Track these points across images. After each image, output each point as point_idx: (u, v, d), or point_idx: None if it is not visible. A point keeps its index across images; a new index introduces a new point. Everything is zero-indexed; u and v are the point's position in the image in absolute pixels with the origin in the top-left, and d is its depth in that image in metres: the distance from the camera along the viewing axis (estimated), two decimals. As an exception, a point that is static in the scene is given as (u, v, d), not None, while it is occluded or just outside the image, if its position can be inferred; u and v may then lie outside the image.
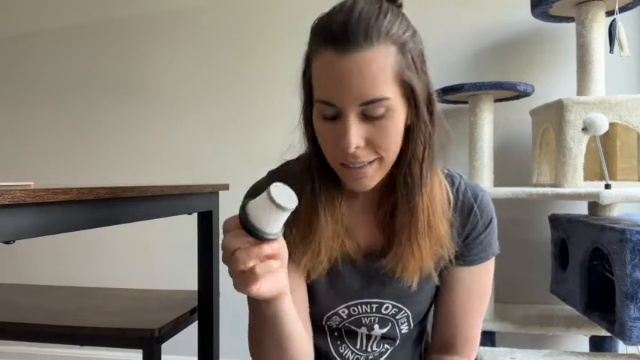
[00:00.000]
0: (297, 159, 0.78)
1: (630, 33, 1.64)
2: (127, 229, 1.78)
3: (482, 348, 1.38)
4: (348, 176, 0.67)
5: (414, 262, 0.70)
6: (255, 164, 0.85)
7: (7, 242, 0.64)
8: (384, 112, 0.62)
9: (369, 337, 0.81)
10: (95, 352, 2.12)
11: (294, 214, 0.64)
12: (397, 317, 0.79)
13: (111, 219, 0.89)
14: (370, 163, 0.65)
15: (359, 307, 0.78)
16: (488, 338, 1.58)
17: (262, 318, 0.68)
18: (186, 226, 1.45)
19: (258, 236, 0.55)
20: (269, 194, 0.54)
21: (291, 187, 0.59)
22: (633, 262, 1.14)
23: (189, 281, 1.47)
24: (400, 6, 0.67)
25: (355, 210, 0.76)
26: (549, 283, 1.61)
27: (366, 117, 0.62)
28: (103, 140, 2.19)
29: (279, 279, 0.60)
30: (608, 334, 1.42)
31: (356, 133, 0.62)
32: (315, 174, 0.72)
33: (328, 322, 0.81)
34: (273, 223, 0.55)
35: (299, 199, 0.61)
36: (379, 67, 0.60)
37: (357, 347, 0.82)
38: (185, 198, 1.21)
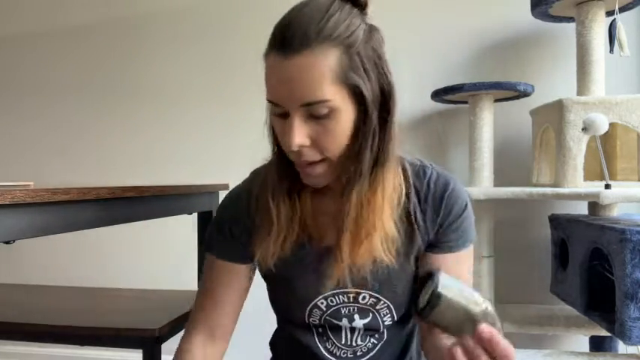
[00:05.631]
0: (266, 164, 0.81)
1: (630, 33, 1.64)
2: (126, 229, 1.77)
3: (482, 348, 1.38)
4: (301, 173, 0.70)
5: (352, 249, 0.70)
6: (255, 164, 0.84)
7: (7, 242, 0.64)
8: (328, 112, 0.63)
9: (352, 330, 0.81)
10: (95, 352, 2.12)
11: (264, 206, 0.73)
12: (377, 307, 0.78)
13: (111, 219, 0.89)
14: (318, 162, 0.67)
15: (336, 297, 0.78)
16: (489, 338, 1.58)
17: None
18: (186, 226, 1.45)
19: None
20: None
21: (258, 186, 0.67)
22: (633, 262, 1.14)
23: (189, 281, 1.47)
24: (360, 5, 0.66)
25: (323, 201, 0.76)
26: (549, 283, 1.61)
27: (312, 116, 0.64)
28: (103, 140, 2.19)
29: None
30: (608, 334, 1.42)
31: (300, 133, 0.64)
32: (273, 168, 0.74)
33: (311, 318, 0.80)
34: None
35: (263, 198, 0.73)
36: (318, 71, 0.61)
37: (343, 342, 0.81)
38: (185, 198, 1.21)
